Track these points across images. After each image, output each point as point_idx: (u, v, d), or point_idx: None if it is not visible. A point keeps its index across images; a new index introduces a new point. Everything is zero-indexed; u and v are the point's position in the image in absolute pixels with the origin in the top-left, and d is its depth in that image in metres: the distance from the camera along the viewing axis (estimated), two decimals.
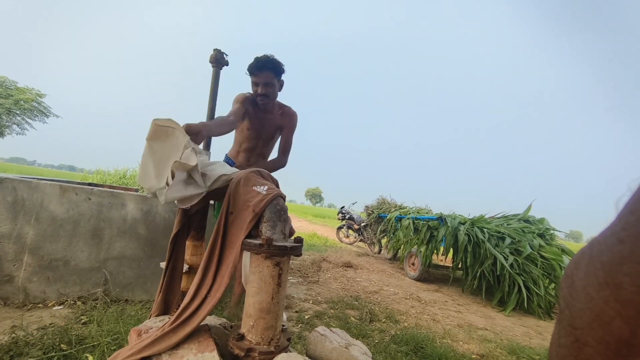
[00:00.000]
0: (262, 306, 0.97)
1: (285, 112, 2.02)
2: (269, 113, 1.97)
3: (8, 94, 16.62)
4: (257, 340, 0.97)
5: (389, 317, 2.59)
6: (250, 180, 1.18)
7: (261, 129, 1.98)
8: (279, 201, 1.11)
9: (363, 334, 2.12)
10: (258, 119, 1.95)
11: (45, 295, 1.92)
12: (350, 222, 7.67)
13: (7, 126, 17.76)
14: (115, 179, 9.01)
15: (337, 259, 4.79)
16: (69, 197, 1.98)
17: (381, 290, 3.57)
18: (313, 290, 3.15)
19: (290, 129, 2.05)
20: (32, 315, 1.74)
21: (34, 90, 17.85)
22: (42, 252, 1.91)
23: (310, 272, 3.90)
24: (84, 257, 1.99)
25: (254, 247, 0.99)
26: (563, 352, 0.23)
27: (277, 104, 2.01)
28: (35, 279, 1.90)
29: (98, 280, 2.02)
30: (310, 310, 2.50)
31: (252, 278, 1.00)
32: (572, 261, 0.24)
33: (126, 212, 2.09)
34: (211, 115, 1.98)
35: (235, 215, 1.13)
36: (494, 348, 2.25)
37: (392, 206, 6.60)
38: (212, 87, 1.99)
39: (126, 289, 2.08)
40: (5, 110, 16.67)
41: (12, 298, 1.86)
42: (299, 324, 2.16)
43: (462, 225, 4.04)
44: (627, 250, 0.18)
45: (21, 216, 1.89)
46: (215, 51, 1.93)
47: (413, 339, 2.09)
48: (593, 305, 0.20)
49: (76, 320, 1.70)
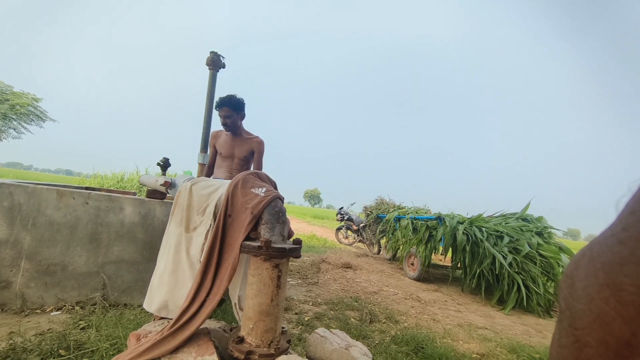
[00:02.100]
0: (262, 308, 0.97)
1: (253, 140, 2.48)
2: (238, 138, 2.45)
3: (4, 99, 16.52)
4: (257, 343, 0.96)
5: (389, 317, 2.59)
6: (248, 182, 1.18)
7: (232, 149, 2.45)
8: (277, 203, 1.11)
9: (363, 334, 2.12)
10: (228, 143, 2.45)
11: (43, 300, 1.90)
12: (349, 223, 7.67)
13: (3, 131, 17.65)
14: (113, 183, 8.95)
15: (337, 260, 4.78)
16: (66, 201, 1.97)
17: (381, 290, 3.57)
18: (313, 291, 3.14)
19: (259, 153, 2.50)
20: (29, 321, 1.73)
21: (30, 94, 17.75)
22: (39, 258, 1.90)
23: (310, 274, 3.89)
24: (82, 262, 1.98)
25: (253, 249, 0.99)
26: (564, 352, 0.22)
27: (246, 132, 2.49)
28: (33, 284, 1.89)
29: (96, 284, 2.01)
30: (310, 311, 2.49)
31: (252, 280, 1.00)
32: (572, 262, 0.24)
33: (124, 215, 2.08)
34: (208, 117, 1.98)
35: (234, 217, 1.13)
36: (494, 347, 2.25)
37: (390, 206, 6.60)
38: (209, 89, 1.99)
39: (125, 293, 2.07)
40: (1, 115, 16.57)
41: (9, 304, 1.84)
42: (299, 325, 2.16)
43: (460, 224, 4.05)
44: (627, 252, 0.18)
45: (18, 221, 1.88)
46: (211, 54, 1.93)
47: (413, 339, 2.09)
48: (593, 306, 0.20)
49: (74, 326, 1.69)
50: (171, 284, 1.25)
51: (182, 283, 1.24)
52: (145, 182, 2.16)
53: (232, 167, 2.49)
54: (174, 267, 1.26)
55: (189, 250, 1.26)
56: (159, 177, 1.87)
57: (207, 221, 1.25)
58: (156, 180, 1.90)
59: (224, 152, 2.46)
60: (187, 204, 1.29)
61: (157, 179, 1.90)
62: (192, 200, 1.30)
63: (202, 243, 1.22)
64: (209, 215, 1.25)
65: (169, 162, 2.01)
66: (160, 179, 1.82)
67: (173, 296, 1.23)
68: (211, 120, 2.19)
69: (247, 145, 2.47)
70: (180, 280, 1.24)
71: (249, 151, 2.49)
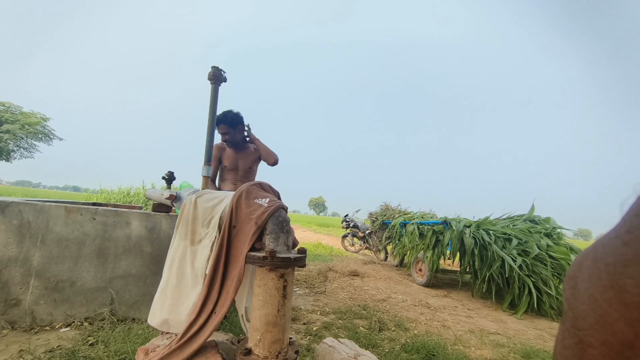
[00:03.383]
0: (268, 319, 0.97)
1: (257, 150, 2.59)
2: (243, 151, 2.54)
3: (14, 119, 16.96)
4: (265, 354, 0.96)
5: (399, 325, 2.55)
6: (251, 193, 1.19)
7: (236, 162, 2.53)
8: (281, 213, 1.12)
9: (372, 343, 2.09)
10: (233, 156, 2.53)
11: (52, 317, 1.91)
12: (354, 230, 7.63)
13: (15, 150, 18.05)
14: (120, 197, 9.05)
15: (343, 268, 4.74)
16: (73, 217, 2.00)
17: (389, 297, 3.53)
18: (320, 300, 3.11)
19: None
20: (39, 339, 1.74)
21: (39, 114, 18.21)
22: (48, 274, 1.92)
23: (317, 283, 3.86)
24: (90, 277, 2.00)
25: (258, 259, 0.99)
26: (567, 353, 0.22)
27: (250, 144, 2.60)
28: (42, 301, 1.90)
29: (104, 300, 2.02)
30: (318, 321, 2.47)
31: (257, 291, 1.00)
32: (575, 262, 0.24)
33: (130, 230, 2.10)
34: (211, 130, 2.01)
35: (238, 228, 1.14)
36: (507, 353, 2.20)
37: (395, 212, 6.57)
38: (212, 103, 2.03)
39: (132, 308, 2.07)
40: (12, 135, 16.99)
41: (19, 322, 1.86)
42: (307, 335, 2.13)
43: (467, 228, 4.00)
44: (631, 253, 0.18)
45: (27, 239, 1.91)
46: (213, 68, 1.97)
47: (424, 347, 2.05)
48: (596, 307, 0.20)
49: (83, 342, 1.69)
50: (174, 298, 1.25)
51: (185, 296, 1.23)
52: (151, 196, 2.18)
53: (236, 178, 2.57)
54: (177, 281, 1.26)
55: (194, 263, 1.26)
56: (165, 191, 1.89)
57: (212, 233, 1.26)
58: (162, 194, 1.92)
59: (229, 164, 2.53)
60: (192, 217, 1.30)
61: (162, 193, 1.92)
62: (197, 213, 1.31)
63: (207, 255, 1.22)
64: (214, 228, 1.26)
65: (173, 176, 2.04)
66: (165, 193, 1.85)
67: (176, 310, 1.22)
68: (214, 133, 2.23)
69: (251, 156, 2.56)
70: (184, 293, 1.24)
71: (253, 161, 2.57)
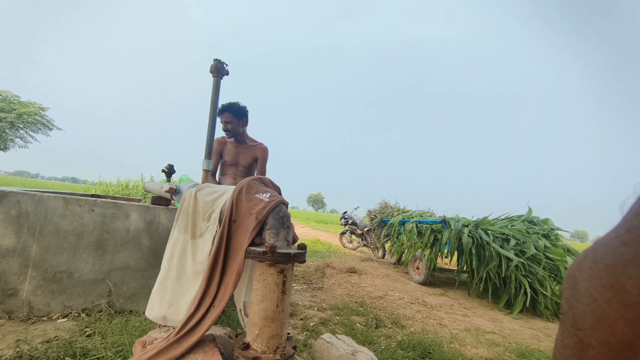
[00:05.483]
0: (267, 314, 0.97)
1: (257, 147, 2.50)
2: (242, 145, 2.48)
3: (11, 108, 16.83)
4: (263, 349, 0.96)
5: (395, 322, 2.56)
6: (252, 187, 1.19)
7: (236, 157, 2.49)
8: (282, 208, 1.12)
9: (369, 340, 2.10)
10: (233, 151, 2.49)
11: (49, 308, 1.91)
12: (353, 227, 7.64)
13: (11, 140, 17.95)
14: (118, 190, 9.03)
15: (341, 264, 4.76)
16: (72, 209, 1.99)
17: (386, 295, 3.54)
18: (317, 296, 3.12)
19: (263, 160, 2.51)
20: (36, 329, 1.73)
21: (36, 104, 18.08)
22: (46, 265, 1.92)
23: (315, 279, 3.87)
24: (88, 269, 1.99)
25: (258, 254, 0.99)
26: (566, 353, 0.23)
27: (250, 139, 2.52)
28: (40, 292, 1.90)
29: (102, 291, 2.01)
30: (315, 317, 2.48)
31: (257, 286, 1.00)
32: (574, 262, 0.24)
33: (129, 222, 2.09)
34: (212, 124, 2.00)
35: (239, 223, 1.13)
36: (502, 352, 2.21)
37: (394, 210, 6.58)
38: (213, 96, 2.01)
39: (130, 300, 2.07)
40: (9, 124, 16.86)
41: (16, 312, 1.85)
42: (304, 331, 2.14)
43: (465, 227, 4.02)
44: (631, 253, 0.18)
45: (25, 229, 1.90)
46: (215, 61, 1.96)
47: (420, 345, 2.06)
48: (596, 307, 0.20)
49: (80, 333, 1.69)
50: (175, 291, 1.25)
51: (185, 290, 1.23)
52: (150, 189, 2.18)
53: (236, 174, 2.55)
54: (178, 274, 1.26)
55: (195, 256, 1.26)
56: (164, 184, 1.88)
57: (212, 227, 1.25)
58: (161, 187, 1.92)
59: (229, 159, 2.51)
60: (192, 210, 1.30)
61: (162, 186, 1.91)
62: (198, 207, 1.31)
63: (209, 249, 1.21)
64: (214, 222, 1.25)
65: (173, 169, 2.03)
66: (165, 186, 1.84)
67: (176, 303, 1.23)
68: (215, 126, 2.22)
69: (251, 152, 2.52)
70: (185, 287, 1.24)
71: (253, 158, 2.52)
